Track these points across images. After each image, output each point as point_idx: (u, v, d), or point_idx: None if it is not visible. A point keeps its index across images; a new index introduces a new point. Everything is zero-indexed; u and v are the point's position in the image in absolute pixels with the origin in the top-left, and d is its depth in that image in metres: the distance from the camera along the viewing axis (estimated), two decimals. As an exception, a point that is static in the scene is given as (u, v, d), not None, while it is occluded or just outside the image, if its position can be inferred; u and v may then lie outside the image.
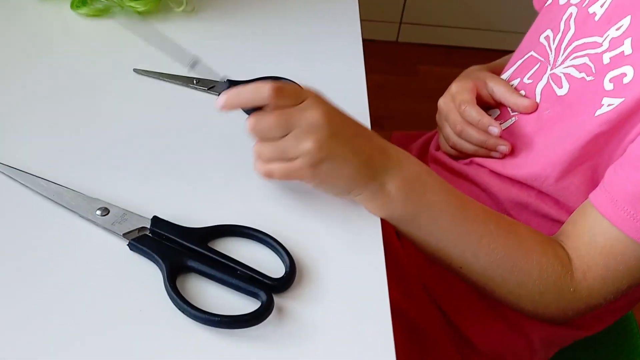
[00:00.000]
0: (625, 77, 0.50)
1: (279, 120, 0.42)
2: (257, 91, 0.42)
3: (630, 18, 0.52)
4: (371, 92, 0.63)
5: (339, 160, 0.43)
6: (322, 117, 0.42)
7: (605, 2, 0.55)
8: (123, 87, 0.54)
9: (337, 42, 0.63)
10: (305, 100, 0.43)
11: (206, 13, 0.64)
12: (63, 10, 0.61)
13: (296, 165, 0.42)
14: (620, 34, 0.52)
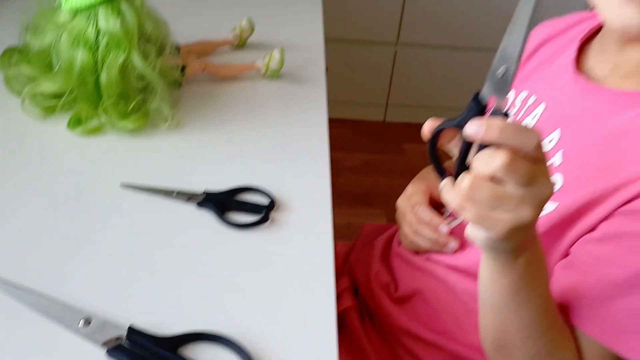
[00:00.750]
0: (556, 184, 0.57)
1: (530, 174, 0.38)
2: (526, 136, 0.38)
3: (560, 131, 0.59)
4: (359, 171, 0.70)
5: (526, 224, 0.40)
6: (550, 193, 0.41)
7: (537, 115, 0.62)
8: (110, 200, 0.61)
9: (307, 155, 0.70)
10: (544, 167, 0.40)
11: (190, 127, 0.72)
12: (60, 129, 0.69)
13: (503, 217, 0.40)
14: (552, 146, 0.59)
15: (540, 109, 0.62)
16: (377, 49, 1.94)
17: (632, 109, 0.54)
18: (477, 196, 0.39)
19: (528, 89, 0.66)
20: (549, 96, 0.62)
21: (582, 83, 0.58)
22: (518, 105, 0.66)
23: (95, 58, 0.66)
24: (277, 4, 1.03)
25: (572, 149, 0.57)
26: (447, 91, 1.96)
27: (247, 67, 0.81)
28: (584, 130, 0.57)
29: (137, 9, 0.67)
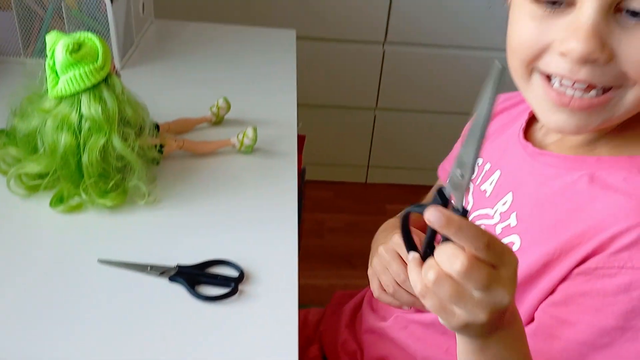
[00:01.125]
0: (514, 245, 0.60)
1: (485, 281, 0.41)
2: (477, 236, 0.40)
3: (512, 194, 0.64)
4: (342, 232, 0.73)
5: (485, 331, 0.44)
6: (509, 298, 0.42)
7: (493, 181, 0.67)
8: (88, 276, 0.65)
9: (276, 227, 0.74)
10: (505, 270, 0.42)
11: (166, 203, 0.76)
12: (42, 207, 0.73)
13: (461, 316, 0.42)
14: (506, 208, 0.63)
15: (496, 175, 0.67)
16: (357, 113, 2.02)
17: (576, 171, 0.58)
18: (439, 291, 0.41)
19: (481, 157, 0.71)
20: (503, 164, 0.67)
21: (530, 149, 0.63)
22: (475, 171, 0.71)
23: (78, 141, 0.71)
24: (253, 82, 1.10)
25: (524, 211, 0.61)
26: (427, 153, 2.03)
27: (222, 144, 0.86)
28: (533, 192, 0.61)
29: (117, 95, 0.73)
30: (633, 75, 0.50)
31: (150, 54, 1.18)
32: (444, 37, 1.84)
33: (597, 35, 0.48)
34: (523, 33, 0.54)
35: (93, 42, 0.72)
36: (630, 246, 0.51)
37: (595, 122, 0.54)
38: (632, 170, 0.55)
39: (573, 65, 0.50)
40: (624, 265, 0.51)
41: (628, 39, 0.49)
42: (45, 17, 1.05)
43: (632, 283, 0.50)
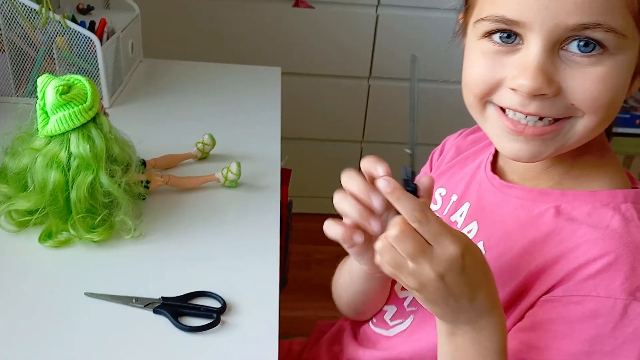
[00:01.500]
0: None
1: (412, 250, 0.47)
2: (413, 209, 0.47)
3: (477, 223, 0.66)
4: (329, 263, 0.76)
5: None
6: (435, 276, 0.47)
7: (463, 213, 0.70)
8: (75, 308, 0.67)
9: (258, 260, 0.77)
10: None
11: (152, 237, 0.79)
12: (31, 243, 0.75)
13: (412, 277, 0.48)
14: (472, 237, 0.66)
15: (465, 207, 0.70)
16: (344, 146, 2.06)
17: (541, 204, 0.61)
18: (383, 252, 0.49)
19: (444, 186, 0.74)
20: (470, 195, 0.69)
21: (497, 181, 0.66)
22: (439, 200, 0.74)
23: (67, 178, 0.74)
24: (238, 119, 1.14)
25: (491, 240, 0.64)
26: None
27: (207, 179, 0.89)
28: (501, 223, 0.63)
29: (105, 134, 0.76)
30: (581, 107, 0.54)
31: (139, 92, 1.22)
32: (428, 72, 1.89)
33: (544, 72, 0.52)
34: (477, 70, 0.57)
35: (82, 83, 0.76)
36: (596, 275, 0.54)
37: (549, 149, 0.57)
38: (595, 204, 0.59)
39: (524, 99, 0.54)
40: (589, 294, 0.54)
41: (574, 74, 0.53)
42: (36, 58, 1.09)
43: (597, 310, 0.53)
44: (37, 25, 1.06)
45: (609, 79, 0.53)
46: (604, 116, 0.55)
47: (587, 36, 0.51)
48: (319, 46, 1.88)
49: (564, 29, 0.51)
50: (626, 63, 0.53)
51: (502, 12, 0.53)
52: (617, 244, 0.55)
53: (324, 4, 1.83)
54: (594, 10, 0.50)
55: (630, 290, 0.53)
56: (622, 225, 0.56)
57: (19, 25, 1.06)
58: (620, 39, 0.51)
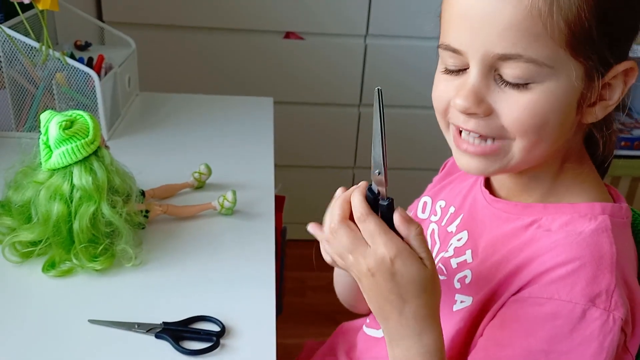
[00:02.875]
0: (467, 278, 0.67)
1: (347, 243, 0.55)
2: (355, 208, 0.55)
3: (467, 233, 0.70)
4: (324, 290, 0.78)
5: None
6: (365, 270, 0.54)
7: (458, 224, 0.73)
8: (79, 336, 0.69)
9: (255, 285, 0.79)
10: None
11: (152, 264, 0.81)
12: (35, 273, 0.77)
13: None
14: (461, 244, 0.70)
15: (459, 219, 0.74)
16: (336, 172, 2.10)
17: (525, 216, 0.65)
18: (330, 245, 0.58)
19: (444, 199, 0.78)
20: (465, 207, 0.74)
21: (488, 196, 0.70)
22: (439, 212, 0.77)
23: (70, 209, 0.77)
24: (233, 148, 1.17)
25: (478, 249, 0.68)
26: (405, 206, 2.10)
27: (204, 207, 0.92)
28: (488, 233, 0.68)
29: (107, 166, 0.79)
30: (510, 129, 0.58)
31: (136, 124, 1.26)
32: (418, 97, 1.94)
33: (475, 94, 0.57)
34: (436, 91, 0.63)
35: (84, 118, 0.79)
36: (559, 280, 0.58)
37: (493, 166, 0.61)
38: (573, 215, 0.62)
39: (464, 117, 0.59)
40: (552, 297, 0.58)
41: (504, 98, 0.57)
42: (36, 94, 1.12)
43: (557, 312, 0.57)
44: (37, 62, 1.10)
45: (536, 106, 0.56)
46: (535, 140, 0.58)
47: (510, 65, 0.55)
48: (309, 76, 1.93)
49: (493, 57, 0.55)
50: (559, 90, 0.56)
51: (448, 40, 0.59)
52: (584, 252, 0.58)
53: (314, 35, 1.88)
54: (514, 42, 0.54)
55: (590, 297, 0.57)
56: (594, 234, 0.60)
57: (19, 62, 1.10)
58: (545, 68, 0.55)
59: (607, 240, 0.59)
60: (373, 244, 0.54)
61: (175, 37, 1.84)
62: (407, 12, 1.83)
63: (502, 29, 0.54)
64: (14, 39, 1.07)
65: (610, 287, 0.57)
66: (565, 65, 0.55)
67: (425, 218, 0.79)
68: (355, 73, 1.94)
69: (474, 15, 0.55)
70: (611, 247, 0.59)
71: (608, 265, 0.58)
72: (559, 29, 0.53)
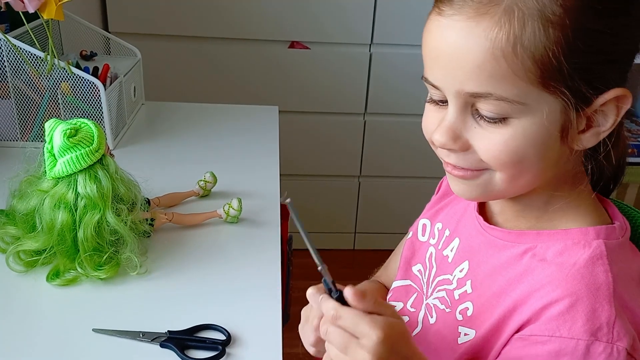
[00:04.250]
0: (468, 310, 0.65)
1: (340, 344, 0.52)
2: (325, 311, 0.53)
3: (468, 263, 0.69)
4: None
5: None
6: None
7: (454, 248, 0.72)
8: (83, 345, 0.68)
9: (261, 293, 0.79)
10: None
11: (157, 273, 0.81)
12: (39, 282, 0.77)
13: None
14: (463, 275, 0.68)
15: (455, 243, 0.72)
16: (342, 180, 2.09)
17: (519, 244, 0.63)
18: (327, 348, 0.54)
19: (441, 221, 0.76)
20: (460, 232, 0.72)
21: (482, 222, 0.68)
22: (437, 235, 0.76)
23: (74, 218, 0.76)
24: (238, 157, 1.17)
25: (477, 279, 0.66)
26: (413, 217, 2.09)
27: (209, 216, 0.91)
28: (485, 262, 0.66)
29: (111, 174, 0.79)
30: (489, 163, 0.58)
31: (141, 134, 1.26)
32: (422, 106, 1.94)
33: (452, 131, 0.58)
34: (424, 122, 0.64)
35: (89, 127, 0.79)
36: (559, 316, 0.57)
37: (477, 191, 0.61)
38: (567, 242, 0.61)
39: (445, 151, 0.60)
40: (553, 334, 0.56)
41: (480, 133, 0.57)
42: (41, 103, 1.13)
43: (560, 350, 0.56)
44: (43, 72, 1.10)
45: (512, 141, 0.55)
46: (515, 172, 0.58)
47: (482, 103, 0.55)
48: (315, 85, 1.93)
49: (465, 95, 0.55)
50: (535, 126, 0.55)
51: (427, 75, 0.59)
52: (580, 285, 0.57)
53: (319, 45, 1.88)
54: (482, 82, 0.54)
55: (592, 331, 0.55)
56: (589, 264, 0.58)
57: (24, 72, 1.10)
58: (518, 105, 0.54)
59: (602, 269, 0.58)
60: (361, 335, 0.52)
61: (180, 47, 1.85)
62: (411, 20, 1.83)
63: (469, 69, 0.54)
64: (19, 49, 1.07)
65: (611, 318, 0.56)
66: (540, 101, 0.54)
67: (425, 241, 0.78)
68: (360, 82, 1.94)
69: (443, 56, 0.56)
70: (607, 276, 0.58)
71: (605, 297, 0.57)
72: (525, 68, 0.52)
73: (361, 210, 2.14)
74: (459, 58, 0.54)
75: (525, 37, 0.52)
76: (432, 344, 0.69)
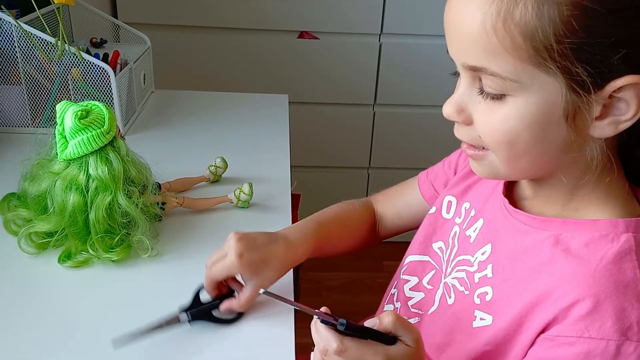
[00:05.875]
0: (487, 295, 0.64)
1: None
2: (327, 342, 0.55)
3: (491, 246, 0.68)
4: (339, 290, 0.75)
5: None
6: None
7: (477, 229, 0.71)
8: (96, 325, 0.68)
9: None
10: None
11: (168, 256, 0.80)
12: (51, 264, 0.77)
13: None
14: (485, 258, 0.67)
15: (479, 223, 0.71)
16: (351, 172, 2.09)
17: (543, 231, 0.62)
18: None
19: (469, 200, 0.75)
20: (485, 212, 0.71)
21: (508, 205, 0.67)
22: (463, 214, 0.75)
23: (85, 200, 0.76)
24: (249, 144, 1.16)
25: (499, 264, 0.65)
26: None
27: (220, 200, 0.91)
28: (508, 246, 0.65)
29: (122, 156, 0.78)
30: (484, 140, 0.58)
31: (151, 120, 1.25)
32: (433, 96, 1.93)
33: (457, 103, 0.59)
34: None
35: (99, 108, 0.78)
36: (586, 316, 0.55)
37: (487, 171, 0.62)
38: (594, 234, 0.59)
39: (455, 125, 0.61)
40: (582, 335, 0.55)
41: (482, 110, 0.57)
42: (52, 89, 1.12)
43: (589, 352, 0.54)
44: (53, 58, 1.10)
45: (506, 121, 0.55)
46: (510, 153, 0.57)
47: (484, 79, 0.55)
48: (324, 75, 1.92)
49: (468, 68, 0.56)
50: (530, 106, 0.54)
51: (448, 48, 0.60)
52: (608, 282, 0.56)
53: (328, 35, 1.87)
54: (478, 55, 0.54)
55: (622, 331, 0.54)
56: (616, 260, 0.57)
57: (35, 57, 1.10)
58: (511, 83, 0.53)
59: (630, 266, 0.56)
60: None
61: (190, 37, 1.84)
62: (421, 10, 1.82)
63: (467, 43, 0.54)
64: (30, 34, 1.07)
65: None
66: (535, 81, 0.53)
67: (450, 218, 0.76)
68: (370, 72, 1.93)
69: (450, 27, 0.57)
70: (635, 273, 0.56)
71: (634, 295, 0.55)
72: (515, 44, 0.51)
73: (370, 202, 2.13)
74: (458, 31, 0.55)
75: (517, 12, 0.51)
76: (447, 325, 0.68)
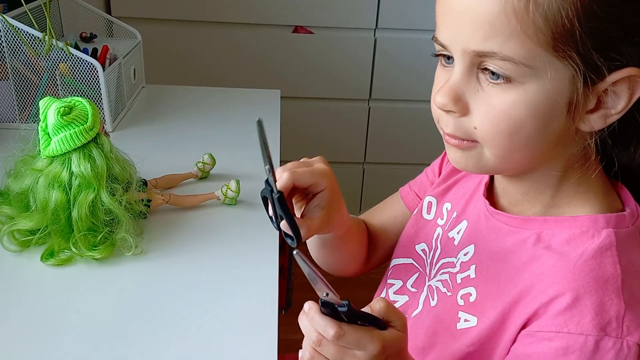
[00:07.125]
0: (471, 296, 0.64)
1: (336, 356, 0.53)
2: (323, 329, 0.52)
3: (474, 247, 0.67)
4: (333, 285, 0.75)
5: None
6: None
7: (461, 230, 0.70)
8: (77, 325, 0.67)
9: (257, 277, 0.77)
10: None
11: (153, 254, 0.79)
12: (34, 262, 0.76)
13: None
14: (467, 259, 0.66)
15: (462, 225, 0.70)
16: (346, 167, 2.08)
17: (525, 230, 0.61)
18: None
19: (450, 201, 0.74)
20: (469, 214, 0.70)
21: (488, 206, 0.66)
22: (445, 215, 0.74)
23: (68, 197, 0.75)
24: (238, 139, 1.15)
25: (482, 264, 0.64)
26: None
27: (207, 197, 0.90)
28: (491, 247, 0.64)
29: (106, 153, 0.77)
30: (481, 131, 0.55)
31: (141, 116, 1.24)
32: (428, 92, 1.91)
33: (454, 91, 0.55)
34: (432, 89, 0.60)
35: (83, 105, 0.77)
36: (565, 311, 0.55)
37: (469, 163, 0.59)
38: (575, 231, 0.59)
39: (443, 114, 0.57)
40: (561, 330, 0.55)
41: (482, 98, 0.54)
42: (40, 84, 1.11)
43: (568, 347, 0.54)
44: (41, 53, 1.09)
45: (516, 107, 0.53)
46: (506, 145, 0.55)
47: (487, 64, 0.52)
48: (319, 70, 1.91)
49: (471, 54, 0.53)
50: (541, 94, 0.52)
51: (437, 34, 0.57)
52: (587, 278, 0.55)
53: (323, 29, 1.86)
54: (489, 39, 0.51)
55: (601, 326, 0.53)
56: (597, 255, 0.56)
57: (22, 53, 1.09)
58: (524, 68, 0.51)
59: (610, 261, 0.56)
60: (361, 348, 0.53)
61: (183, 32, 1.83)
62: (416, 5, 1.80)
63: (478, 24, 0.51)
64: (17, 29, 1.06)
65: (620, 312, 0.54)
66: (548, 66, 0.51)
67: (431, 219, 0.76)
68: (365, 67, 1.91)
69: (455, 10, 0.53)
70: (615, 268, 0.55)
71: (614, 290, 0.55)
72: (536, 27, 0.50)
73: (365, 197, 2.12)
74: (470, 12, 0.52)
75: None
76: (431, 327, 0.68)
